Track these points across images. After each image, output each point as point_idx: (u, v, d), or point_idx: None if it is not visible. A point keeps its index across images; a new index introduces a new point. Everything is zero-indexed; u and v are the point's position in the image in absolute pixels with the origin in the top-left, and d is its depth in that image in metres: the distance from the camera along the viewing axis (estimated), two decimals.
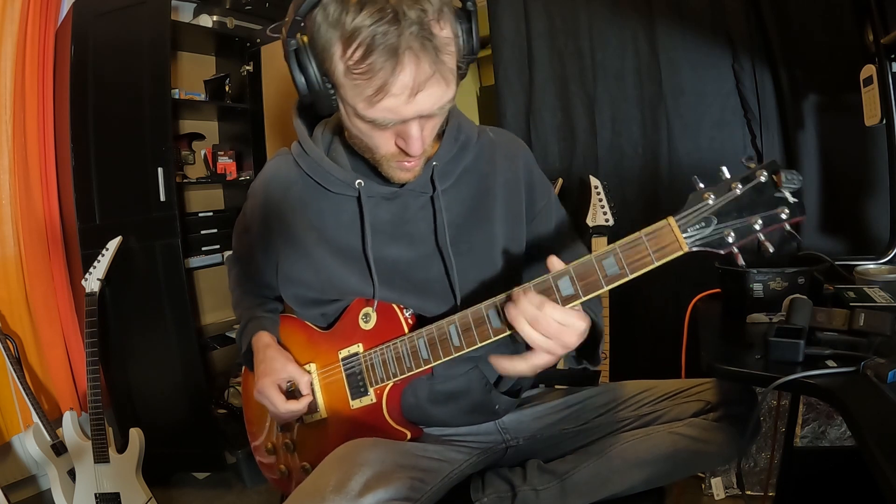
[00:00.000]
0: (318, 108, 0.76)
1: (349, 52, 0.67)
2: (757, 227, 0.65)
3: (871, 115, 1.25)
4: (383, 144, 0.77)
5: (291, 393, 0.91)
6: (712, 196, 0.66)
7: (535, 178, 0.95)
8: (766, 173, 0.64)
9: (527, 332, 0.70)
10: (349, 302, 0.89)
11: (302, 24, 0.70)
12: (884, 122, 1.23)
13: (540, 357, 0.73)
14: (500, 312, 0.75)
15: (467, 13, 0.73)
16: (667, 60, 1.71)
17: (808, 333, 0.81)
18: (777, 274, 0.98)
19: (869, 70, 1.25)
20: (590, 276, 0.71)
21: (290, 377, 0.90)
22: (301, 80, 0.73)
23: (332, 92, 0.73)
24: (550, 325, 0.69)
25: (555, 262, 0.73)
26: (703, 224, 0.66)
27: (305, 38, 0.71)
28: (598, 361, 0.85)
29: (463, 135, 0.89)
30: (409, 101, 0.68)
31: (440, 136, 0.88)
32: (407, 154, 0.76)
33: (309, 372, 0.92)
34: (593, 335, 0.80)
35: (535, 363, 0.74)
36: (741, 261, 0.67)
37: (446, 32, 0.69)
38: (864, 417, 0.62)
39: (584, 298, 0.71)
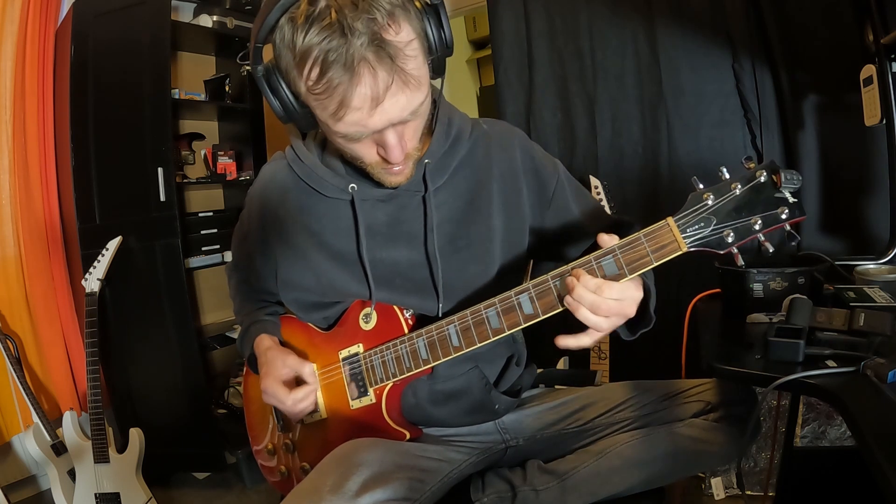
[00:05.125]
0: (299, 127, 0.76)
1: (305, 72, 0.66)
2: (757, 227, 0.65)
3: (871, 115, 1.25)
4: (365, 154, 0.76)
5: (298, 385, 0.91)
6: (712, 196, 0.66)
7: (537, 163, 0.92)
8: (765, 173, 0.65)
9: (589, 318, 0.70)
10: (349, 303, 0.89)
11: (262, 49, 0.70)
12: (884, 122, 1.23)
13: (600, 333, 0.73)
14: (499, 312, 0.75)
15: (433, 7, 0.71)
16: (667, 60, 1.71)
17: (808, 333, 0.81)
18: (777, 274, 0.98)
19: (869, 70, 1.25)
20: None
21: (292, 369, 0.90)
22: (276, 104, 0.72)
23: (307, 110, 0.72)
24: (610, 306, 0.69)
25: (605, 238, 0.71)
26: (703, 224, 0.66)
27: (272, 62, 0.71)
28: (651, 320, 0.83)
29: (455, 129, 0.88)
30: (373, 112, 0.67)
31: (431, 132, 0.87)
32: (388, 162, 0.76)
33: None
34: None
35: (597, 337, 0.74)
36: (740, 261, 0.67)
37: (403, 35, 0.66)
38: (864, 417, 0.62)
39: (629, 277, 0.70)
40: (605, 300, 0.68)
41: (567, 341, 0.74)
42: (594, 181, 1.70)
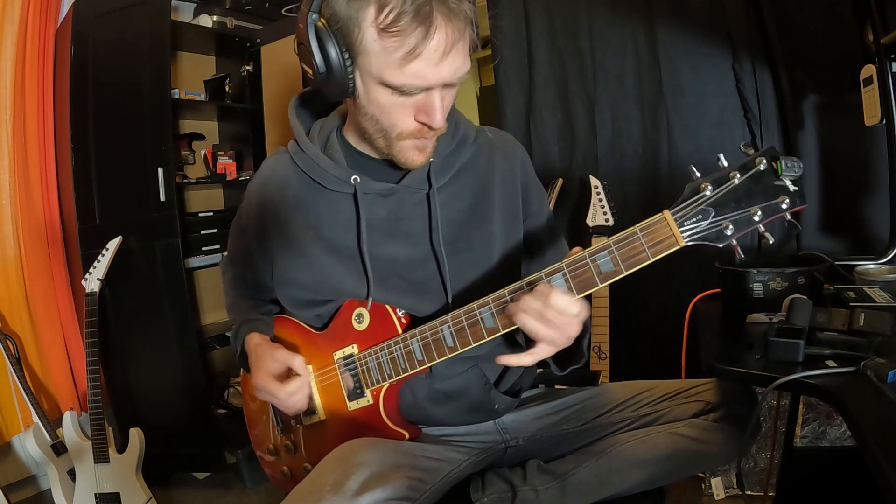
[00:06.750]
0: (330, 91, 0.76)
1: (382, 14, 0.68)
2: (757, 218, 0.63)
3: (871, 115, 1.25)
4: (402, 121, 0.76)
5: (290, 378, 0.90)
6: (710, 186, 0.64)
7: (530, 180, 0.96)
8: (765, 161, 0.62)
9: (531, 326, 0.70)
10: (342, 302, 0.88)
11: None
12: (884, 122, 1.23)
13: (543, 349, 0.74)
14: (493, 312, 0.75)
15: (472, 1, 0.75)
16: (667, 60, 1.71)
17: (808, 333, 0.81)
18: (777, 274, 0.98)
19: (869, 70, 1.25)
20: (584, 274, 0.70)
21: (282, 363, 0.89)
22: (319, 58, 0.72)
23: (349, 68, 0.73)
24: (556, 317, 0.69)
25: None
26: (700, 216, 0.64)
27: (323, 21, 0.71)
28: (583, 357, 0.83)
29: (460, 132, 0.89)
30: (437, 66, 0.70)
31: None
32: (429, 127, 0.76)
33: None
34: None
35: (538, 355, 0.74)
36: (740, 254, 0.65)
37: (466, 6, 0.72)
38: (864, 417, 0.62)
39: (578, 297, 0.71)
40: (550, 310, 0.69)
41: (507, 360, 0.75)
42: (594, 181, 1.70)
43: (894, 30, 1.18)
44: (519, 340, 0.98)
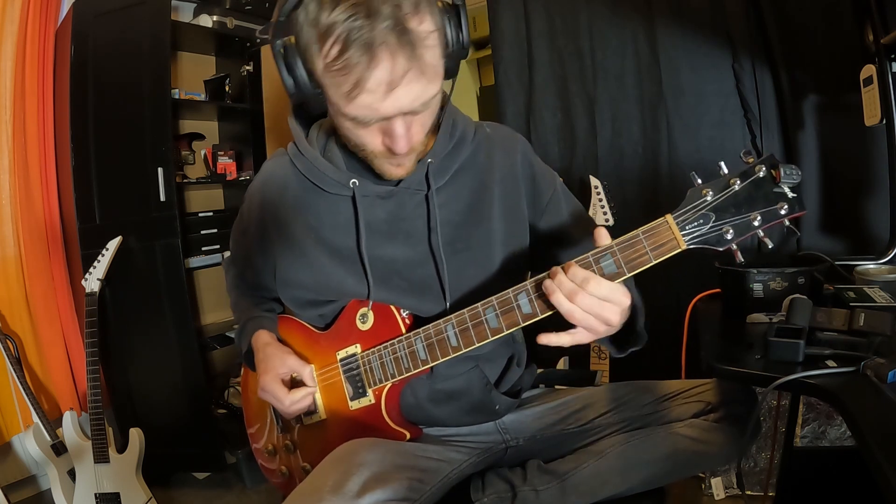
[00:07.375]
0: (310, 107, 0.76)
1: (325, 48, 0.66)
2: (756, 223, 0.64)
3: (871, 115, 1.25)
4: (370, 142, 0.76)
5: (295, 385, 0.91)
6: (710, 192, 0.66)
7: (536, 171, 0.93)
8: (764, 168, 0.64)
9: (564, 306, 0.68)
10: (346, 302, 0.88)
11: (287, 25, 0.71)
12: (884, 122, 1.23)
13: (581, 335, 0.72)
14: (498, 313, 0.75)
15: (455, 7, 0.72)
16: (667, 60, 1.71)
17: (808, 333, 0.81)
18: (777, 274, 0.98)
19: (869, 70, 1.25)
20: None
21: (292, 370, 0.90)
22: (289, 80, 0.72)
23: (319, 91, 0.73)
24: (590, 300, 0.68)
25: (603, 235, 0.71)
26: (702, 221, 0.66)
27: (292, 39, 0.71)
28: (642, 339, 0.82)
29: (458, 131, 0.88)
30: (386, 97, 0.67)
31: (435, 131, 0.86)
32: (393, 152, 0.75)
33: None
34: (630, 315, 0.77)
35: (576, 338, 0.72)
36: (740, 258, 0.67)
37: (426, 26, 0.67)
38: (864, 417, 0.62)
39: (615, 281, 0.70)
40: (584, 292, 0.67)
41: (548, 338, 0.73)
42: (594, 181, 1.70)
43: (894, 30, 1.18)
44: (517, 337, 0.98)
